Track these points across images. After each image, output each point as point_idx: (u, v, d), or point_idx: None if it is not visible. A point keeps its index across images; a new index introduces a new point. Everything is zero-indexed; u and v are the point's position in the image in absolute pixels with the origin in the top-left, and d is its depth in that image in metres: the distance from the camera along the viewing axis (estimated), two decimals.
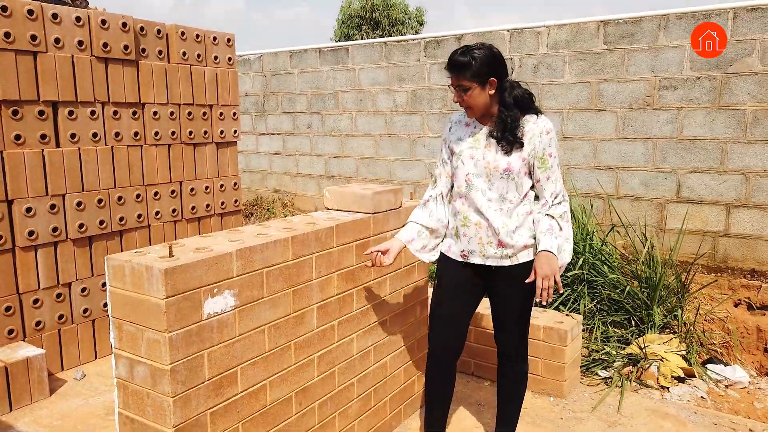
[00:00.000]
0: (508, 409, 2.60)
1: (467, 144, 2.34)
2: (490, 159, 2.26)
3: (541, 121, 2.28)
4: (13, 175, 3.17)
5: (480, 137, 2.32)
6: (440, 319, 2.47)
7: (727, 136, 4.90)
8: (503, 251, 2.29)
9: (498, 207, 2.28)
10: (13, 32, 3.10)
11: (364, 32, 22.21)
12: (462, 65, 2.18)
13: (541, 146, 2.26)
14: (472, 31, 6.17)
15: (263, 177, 8.35)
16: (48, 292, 3.39)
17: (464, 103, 2.25)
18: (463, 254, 2.37)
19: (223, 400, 1.89)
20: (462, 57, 2.19)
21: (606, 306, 4.19)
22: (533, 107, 2.30)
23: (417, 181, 6.78)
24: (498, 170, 2.25)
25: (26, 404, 3.04)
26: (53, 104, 3.35)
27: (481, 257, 2.33)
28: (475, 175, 2.29)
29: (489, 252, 2.31)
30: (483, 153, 2.28)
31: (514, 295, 2.38)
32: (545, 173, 2.28)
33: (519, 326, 2.45)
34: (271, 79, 7.98)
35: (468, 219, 2.33)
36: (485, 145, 2.29)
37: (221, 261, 1.82)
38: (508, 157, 2.25)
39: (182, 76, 4.03)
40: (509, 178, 2.25)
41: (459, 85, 2.22)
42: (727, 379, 3.72)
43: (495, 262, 2.32)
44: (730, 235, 4.96)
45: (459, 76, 2.20)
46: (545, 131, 2.27)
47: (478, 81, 2.19)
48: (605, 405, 3.14)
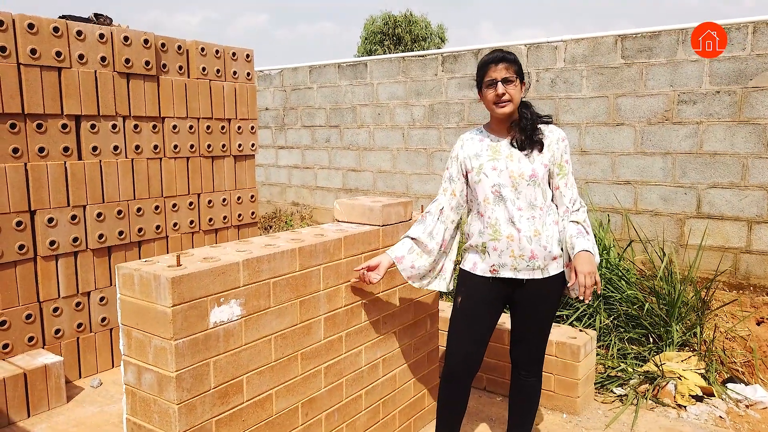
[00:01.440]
0: (519, 425, 2.59)
1: (487, 157, 2.36)
2: (514, 168, 2.30)
3: (555, 129, 2.38)
4: (36, 186, 3.27)
5: (501, 149, 2.36)
6: (462, 339, 2.41)
7: (748, 151, 4.82)
8: (535, 263, 2.29)
9: (529, 215, 2.29)
10: (39, 49, 3.22)
11: (386, 47, 22.43)
12: (511, 59, 2.28)
13: (559, 153, 2.33)
14: (489, 46, 6.20)
15: (282, 190, 8.45)
16: (67, 300, 3.47)
17: (508, 95, 2.27)
18: (492, 269, 2.33)
19: (229, 408, 1.91)
20: (508, 54, 2.30)
21: (623, 322, 4.13)
22: (545, 118, 2.38)
23: (434, 194, 6.78)
24: (524, 177, 2.28)
25: (44, 410, 3.10)
26: (76, 118, 3.46)
27: (513, 270, 2.31)
28: (502, 186, 2.31)
29: (521, 265, 2.29)
30: (506, 163, 2.31)
31: (540, 309, 2.39)
32: (563, 180, 2.34)
33: (539, 341, 2.45)
34: (291, 93, 8.10)
35: (499, 232, 2.30)
36: (507, 155, 2.33)
37: (228, 271, 1.85)
38: (531, 164, 2.30)
39: (202, 91, 4.13)
40: (536, 184, 2.29)
41: (505, 78, 2.26)
42: (747, 399, 3.62)
43: (526, 274, 2.31)
44: (752, 252, 4.86)
45: (510, 67, 2.26)
46: (561, 138, 2.36)
47: (519, 77, 2.30)
48: (619, 423, 3.09)
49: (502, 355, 3.35)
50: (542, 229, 2.29)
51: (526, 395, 2.54)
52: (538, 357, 2.50)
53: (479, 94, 2.40)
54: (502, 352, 3.35)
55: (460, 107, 6.48)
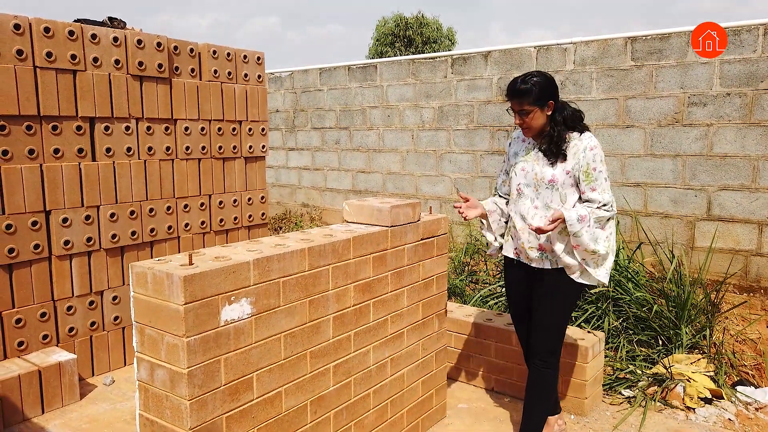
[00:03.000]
0: (531, 415, 2.74)
1: (520, 157, 2.68)
2: (537, 171, 2.57)
3: (585, 138, 2.52)
4: (51, 187, 3.34)
5: (531, 152, 2.65)
6: (515, 313, 2.83)
7: (759, 153, 4.80)
8: (544, 254, 2.58)
9: (543, 214, 2.55)
10: (54, 52, 3.28)
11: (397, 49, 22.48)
12: (524, 92, 2.46)
13: (585, 161, 2.49)
14: (499, 48, 6.21)
15: (292, 191, 8.50)
16: (81, 299, 3.53)
17: (525, 124, 2.54)
18: (516, 251, 2.71)
19: (239, 405, 1.94)
20: (524, 85, 2.47)
21: (632, 324, 4.12)
22: (579, 125, 2.55)
23: (443, 196, 6.81)
24: (544, 181, 2.54)
25: (57, 407, 3.16)
26: (90, 120, 3.52)
27: (526, 259, 2.64)
28: (525, 185, 2.61)
29: (532, 255, 2.60)
30: (532, 166, 2.60)
31: (551, 299, 2.60)
32: (590, 185, 2.51)
33: (551, 330, 2.62)
34: (301, 95, 8.15)
35: (515, 223, 2.65)
36: (534, 159, 2.61)
37: (239, 270, 1.89)
38: (552, 170, 2.53)
39: (213, 93, 4.18)
40: (554, 188, 2.53)
41: (521, 110, 2.50)
42: (757, 402, 3.61)
43: (538, 264, 2.60)
44: (763, 254, 4.83)
45: (522, 102, 2.48)
46: (588, 147, 2.50)
47: (539, 105, 2.48)
48: (627, 424, 3.09)
49: (510, 356, 3.37)
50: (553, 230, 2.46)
51: (537, 384, 2.68)
52: (549, 347, 2.64)
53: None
54: (510, 354, 3.36)
55: (469, 109, 6.49)
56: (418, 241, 2.76)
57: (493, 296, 4.51)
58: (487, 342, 3.45)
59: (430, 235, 2.85)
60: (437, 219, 2.91)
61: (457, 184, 6.68)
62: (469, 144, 6.54)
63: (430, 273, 2.88)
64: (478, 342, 3.49)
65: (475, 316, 3.58)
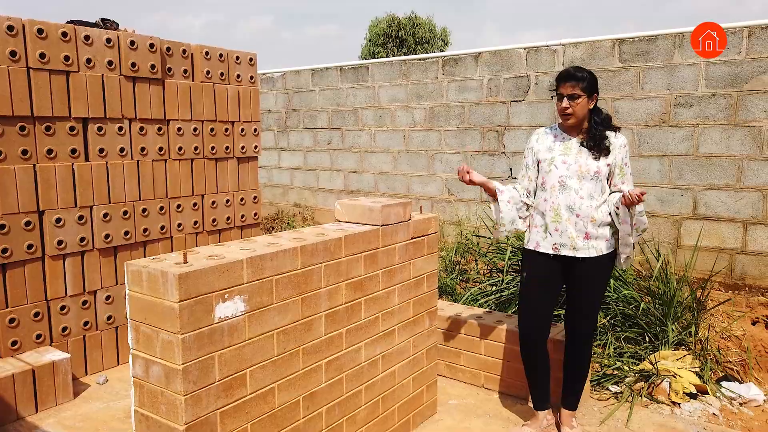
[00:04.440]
0: (575, 387, 2.95)
1: (558, 152, 2.77)
2: (582, 163, 2.71)
3: (620, 136, 2.77)
4: (44, 187, 3.36)
5: (572, 146, 2.76)
6: (529, 307, 2.88)
7: (744, 154, 4.89)
8: (589, 243, 2.71)
9: (588, 204, 2.70)
10: (48, 53, 3.30)
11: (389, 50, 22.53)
12: (580, 78, 2.64)
13: (620, 157, 2.74)
14: (490, 50, 6.27)
15: (284, 191, 8.53)
16: (74, 299, 3.55)
17: (571, 109, 2.66)
18: (554, 247, 2.76)
19: (233, 400, 1.98)
20: (579, 72, 2.65)
21: (619, 322, 4.20)
22: (612, 126, 2.77)
23: (435, 196, 6.86)
24: (589, 173, 2.69)
25: (51, 406, 3.18)
26: (83, 120, 3.54)
27: (571, 249, 2.72)
28: (568, 177, 2.72)
29: (579, 244, 2.71)
30: (575, 158, 2.72)
31: (594, 282, 2.78)
32: (622, 178, 2.76)
33: (594, 311, 2.84)
34: (294, 96, 8.18)
35: (560, 215, 2.73)
36: (577, 152, 2.74)
37: (232, 268, 1.93)
38: (597, 162, 2.70)
39: (206, 94, 4.21)
40: (597, 179, 2.70)
41: (571, 94, 2.64)
42: (741, 397, 3.69)
43: (583, 253, 2.72)
44: (748, 253, 4.92)
45: (575, 86, 2.63)
46: (623, 145, 2.76)
47: (587, 93, 2.65)
48: (614, 419, 3.15)
49: (499, 353, 3.42)
50: (598, 216, 2.70)
51: (581, 360, 2.91)
52: (593, 326, 2.88)
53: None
54: (500, 351, 3.42)
55: (460, 110, 6.56)
56: (409, 239, 2.81)
57: (484, 294, 4.57)
58: (478, 339, 3.51)
59: (421, 234, 2.90)
60: (428, 218, 2.96)
61: (449, 184, 6.74)
62: (460, 144, 6.60)
63: (421, 271, 2.92)
64: (468, 339, 3.54)
65: (465, 314, 3.63)
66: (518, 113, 6.11)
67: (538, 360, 2.92)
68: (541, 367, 2.93)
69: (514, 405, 3.30)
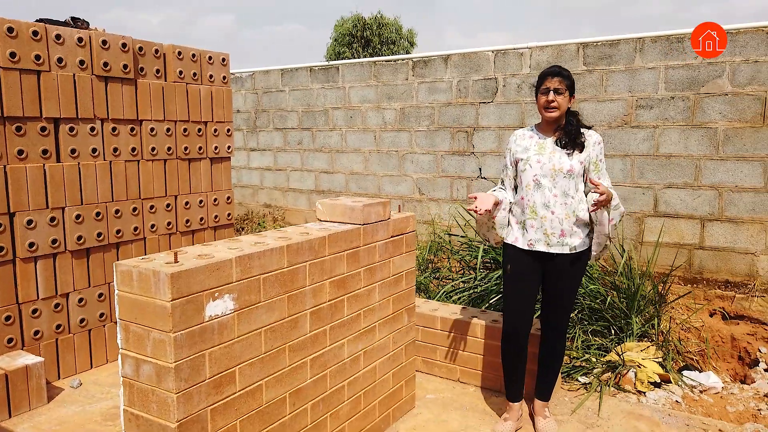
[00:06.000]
0: (548, 378, 3.07)
1: (533, 151, 2.86)
2: (555, 162, 2.79)
3: (593, 133, 2.87)
4: (15, 188, 3.29)
5: (546, 145, 2.86)
6: (515, 299, 2.94)
7: (701, 153, 5.13)
8: (564, 240, 2.79)
9: (563, 202, 2.78)
10: (18, 52, 3.24)
11: (355, 50, 22.54)
12: (566, 75, 2.77)
13: (594, 153, 2.82)
14: (459, 52, 6.39)
15: (254, 192, 8.49)
16: (46, 302, 3.49)
17: (556, 103, 2.76)
18: (529, 243, 2.85)
19: (223, 398, 2.01)
20: (564, 70, 2.79)
21: (587, 315, 4.35)
22: (584, 124, 2.88)
23: (406, 195, 6.95)
24: (562, 171, 2.77)
25: (25, 411, 3.13)
26: (55, 121, 3.49)
27: (546, 246, 2.81)
28: (542, 176, 2.80)
29: (553, 241, 2.80)
30: (549, 157, 2.81)
31: (568, 278, 2.87)
32: (597, 174, 2.83)
33: (568, 306, 2.95)
34: (263, 96, 8.15)
35: (536, 212, 2.82)
36: (551, 151, 2.82)
37: (222, 267, 1.96)
38: (570, 161, 2.77)
39: (179, 94, 4.19)
40: (571, 177, 2.78)
41: (557, 89, 2.75)
42: (701, 385, 3.88)
43: (557, 249, 2.81)
44: (705, 248, 5.17)
45: (562, 81, 2.75)
46: (597, 142, 2.85)
47: (570, 90, 2.79)
48: (584, 408, 3.29)
49: (474, 348, 3.52)
50: (572, 214, 2.79)
51: (554, 353, 3.02)
52: (564, 320, 2.97)
53: (536, 99, 2.88)
54: (475, 345, 3.52)
55: (430, 111, 6.66)
56: (389, 238, 2.88)
57: (457, 291, 4.67)
58: (453, 334, 3.60)
59: (400, 232, 2.97)
60: (406, 217, 3.03)
61: (419, 183, 6.84)
62: (431, 144, 6.71)
63: (400, 269, 3.00)
64: (444, 335, 3.63)
65: (440, 310, 3.72)
66: (487, 114, 6.25)
67: (520, 353, 2.99)
68: (521, 360, 3.01)
69: (490, 397, 3.40)
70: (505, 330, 2.98)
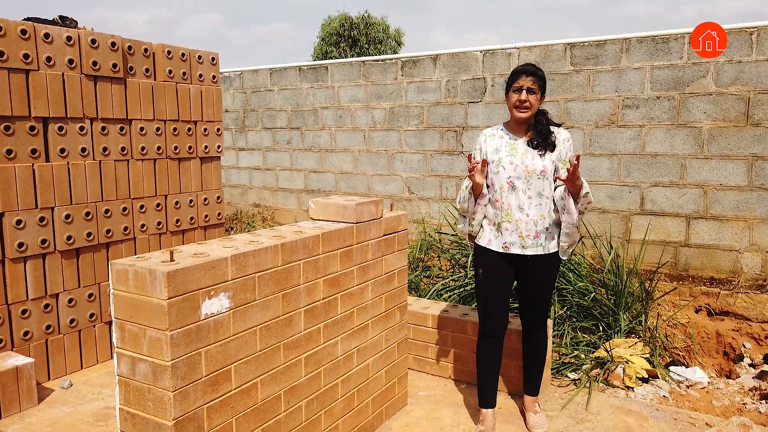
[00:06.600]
0: (534, 374, 3.11)
1: (505, 152, 2.82)
2: (528, 163, 2.76)
3: (563, 131, 2.86)
4: (4, 188, 3.27)
5: (518, 147, 2.82)
6: (489, 303, 2.92)
7: (686, 152, 5.21)
8: (538, 241, 2.78)
9: (537, 203, 2.77)
10: (6, 51, 3.22)
11: (342, 50, 22.52)
12: (539, 74, 2.75)
13: (565, 151, 2.82)
14: (447, 52, 6.43)
15: (243, 191, 8.47)
16: (36, 302, 3.46)
17: (528, 103, 2.73)
18: (504, 245, 2.82)
19: (219, 395, 2.02)
20: (537, 69, 2.76)
21: (575, 313, 4.41)
22: (553, 122, 2.87)
23: (395, 194, 6.97)
24: (535, 172, 2.75)
25: (15, 412, 3.10)
26: (44, 120, 3.46)
27: (521, 248, 2.79)
28: (516, 178, 2.77)
29: (528, 243, 2.78)
30: (521, 159, 2.77)
31: (543, 278, 2.89)
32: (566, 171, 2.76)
33: (544, 303, 2.97)
34: (252, 96, 8.13)
35: (510, 215, 2.79)
36: (523, 152, 2.79)
37: (218, 265, 1.97)
38: (542, 161, 2.75)
39: (168, 94, 4.17)
40: (544, 178, 2.76)
41: (530, 88, 2.72)
42: (687, 380, 3.95)
43: (532, 251, 2.79)
44: (690, 245, 5.25)
45: (535, 80, 2.73)
46: (567, 139, 2.85)
47: (542, 90, 2.76)
48: (574, 404, 3.33)
49: (465, 345, 3.55)
50: (547, 215, 2.78)
51: (537, 349, 3.07)
52: (543, 317, 3.01)
53: (506, 95, 2.84)
54: (466, 342, 3.55)
55: (419, 110, 6.69)
56: (381, 236, 2.90)
57: (447, 290, 4.71)
58: (444, 332, 3.63)
59: (392, 231, 2.99)
60: (398, 216, 3.05)
61: (409, 183, 6.86)
62: (420, 144, 6.74)
63: (392, 267, 3.02)
64: (435, 333, 3.66)
65: (431, 308, 3.75)
66: (476, 114, 6.29)
67: (496, 355, 2.96)
68: (496, 362, 2.97)
69: None
70: (481, 332, 2.97)
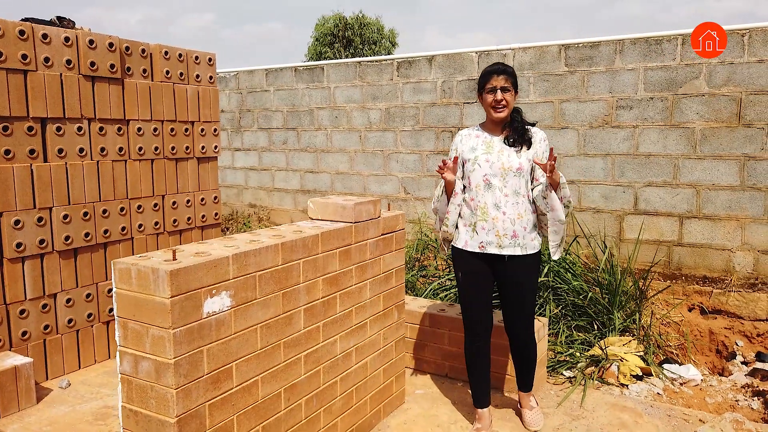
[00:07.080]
0: (525, 371, 3.07)
1: (481, 150, 2.81)
2: (504, 161, 2.74)
3: (539, 131, 2.86)
4: (2, 188, 3.27)
5: (494, 144, 2.81)
6: (473, 304, 2.89)
7: (679, 153, 5.27)
8: (516, 241, 2.74)
9: (514, 201, 2.73)
10: (5, 52, 3.22)
11: (336, 50, 22.54)
12: (511, 72, 2.77)
13: (541, 150, 2.80)
14: (443, 53, 6.47)
15: (239, 192, 8.48)
16: (34, 302, 3.47)
17: (504, 102, 2.73)
18: (481, 245, 2.77)
19: (220, 393, 2.04)
20: (508, 67, 2.77)
21: (570, 311, 4.45)
22: (528, 121, 2.87)
23: (391, 194, 7.00)
24: (512, 169, 2.73)
25: (14, 412, 3.11)
26: (42, 120, 3.47)
27: (498, 248, 2.75)
28: (492, 175, 2.74)
29: (505, 242, 2.74)
30: (497, 156, 2.76)
31: (523, 279, 2.81)
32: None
33: (526, 304, 2.88)
34: (247, 96, 8.14)
35: (487, 213, 2.75)
36: (499, 150, 2.78)
37: (219, 264, 1.99)
38: (519, 159, 2.74)
39: (165, 94, 4.19)
40: (520, 176, 2.74)
41: (504, 87, 2.73)
42: (681, 377, 4.00)
43: (509, 251, 2.74)
44: (683, 245, 5.31)
45: (508, 79, 2.74)
46: (543, 138, 2.85)
47: (515, 88, 2.78)
48: (569, 401, 3.37)
49: (462, 344, 3.58)
50: (524, 213, 2.74)
51: (526, 353, 2.99)
52: (529, 320, 2.93)
53: (479, 97, 2.84)
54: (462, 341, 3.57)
55: (415, 111, 6.72)
56: (379, 236, 2.92)
57: (443, 289, 4.74)
58: (441, 331, 3.66)
59: (390, 230, 3.02)
60: (396, 215, 3.08)
61: (405, 183, 6.90)
62: (416, 144, 6.77)
63: (390, 266, 3.05)
64: (432, 331, 3.69)
65: (428, 307, 3.78)
66: (471, 114, 6.33)
67: (484, 355, 2.95)
68: (485, 362, 2.96)
69: None
70: (466, 334, 2.96)
